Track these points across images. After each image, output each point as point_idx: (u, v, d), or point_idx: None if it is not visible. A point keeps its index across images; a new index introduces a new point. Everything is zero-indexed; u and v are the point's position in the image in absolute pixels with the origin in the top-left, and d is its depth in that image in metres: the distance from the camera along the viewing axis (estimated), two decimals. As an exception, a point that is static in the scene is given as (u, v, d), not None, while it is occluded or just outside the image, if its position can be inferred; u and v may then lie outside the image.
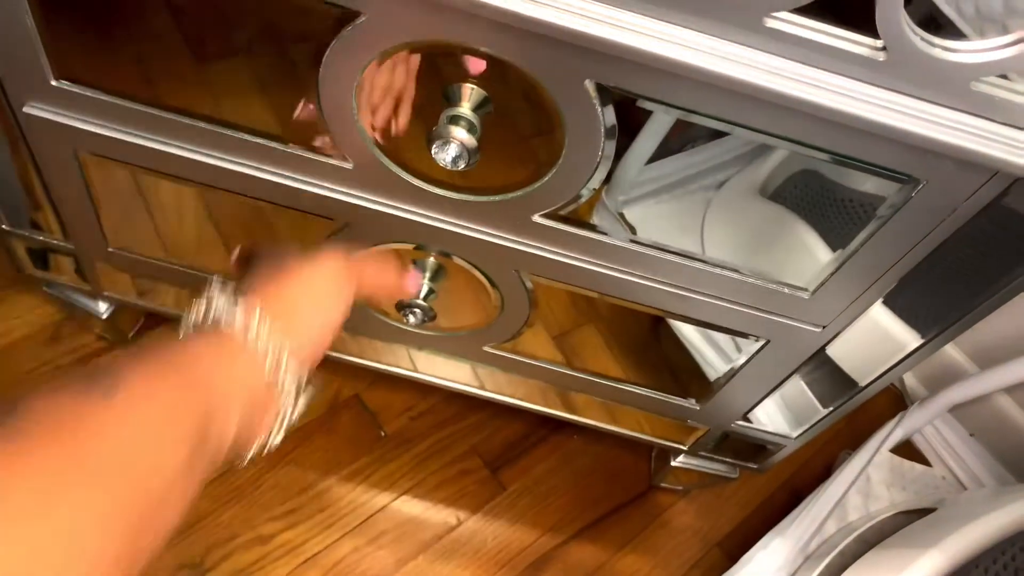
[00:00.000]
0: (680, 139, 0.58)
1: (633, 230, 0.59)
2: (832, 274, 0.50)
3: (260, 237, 0.65)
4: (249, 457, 0.34)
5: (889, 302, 0.56)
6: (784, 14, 0.35)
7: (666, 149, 0.58)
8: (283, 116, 0.49)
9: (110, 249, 0.63)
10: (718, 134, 0.49)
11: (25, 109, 0.50)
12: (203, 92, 0.51)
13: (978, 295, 0.54)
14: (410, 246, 0.57)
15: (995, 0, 0.50)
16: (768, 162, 0.67)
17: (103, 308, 0.75)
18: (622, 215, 0.58)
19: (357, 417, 0.86)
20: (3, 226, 0.64)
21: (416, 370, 0.74)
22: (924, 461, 0.96)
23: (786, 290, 0.52)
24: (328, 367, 0.86)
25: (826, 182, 0.68)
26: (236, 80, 0.50)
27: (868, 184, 0.64)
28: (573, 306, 0.67)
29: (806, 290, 0.52)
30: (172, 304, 0.71)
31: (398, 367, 0.74)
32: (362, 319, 0.65)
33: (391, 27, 0.40)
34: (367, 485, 0.83)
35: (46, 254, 0.70)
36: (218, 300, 0.34)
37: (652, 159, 0.58)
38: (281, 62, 0.48)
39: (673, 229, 0.66)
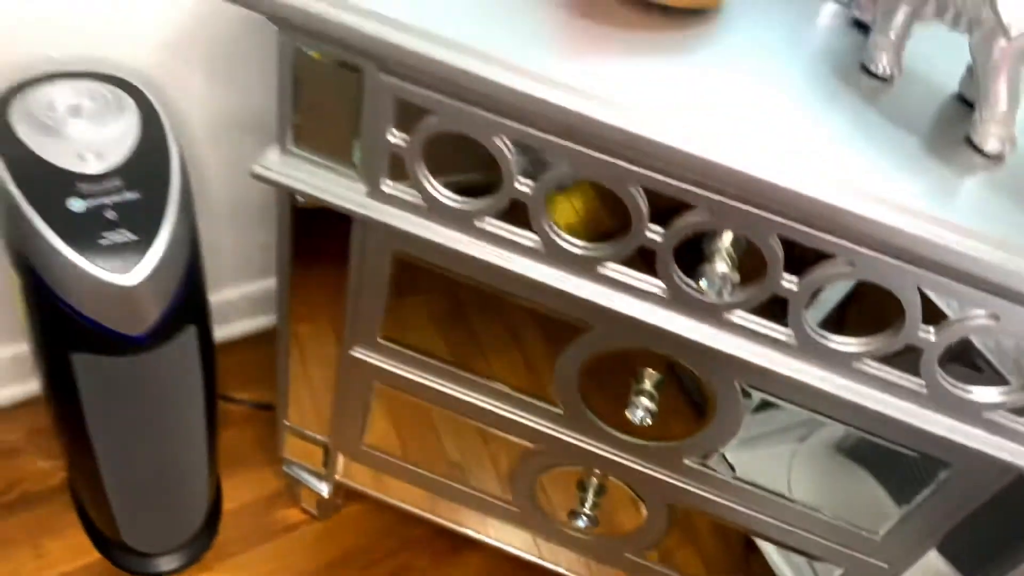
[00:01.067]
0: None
1: (733, 468, 0.80)
2: (898, 523, 0.70)
3: (470, 446, 0.89)
4: None
5: (940, 547, 0.75)
6: (870, 363, 0.58)
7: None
8: (530, 377, 0.74)
9: (362, 447, 0.87)
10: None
11: (351, 352, 0.77)
12: (472, 352, 0.77)
13: (1014, 546, 0.72)
14: (580, 468, 0.80)
15: (1009, 342, 0.74)
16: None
17: (324, 488, 0.98)
18: (724, 456, 0.79)
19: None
20: (286, 422, 0.90)
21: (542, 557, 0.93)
22: None
23: (864, 533, 0.72)
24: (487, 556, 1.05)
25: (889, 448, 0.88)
26: (502, 348, 0.77)
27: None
28: (678, 525, 0.87)
29: (877, 533, 0.72)
30: (383, 491, 0.94)
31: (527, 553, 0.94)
32: (534, 516, 0.87)
33: (615, 337, 0.65)
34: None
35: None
36: None
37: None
38: (531, 342, 0.74)
39: (765, 471, 0.86)
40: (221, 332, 1.16)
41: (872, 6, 0.63)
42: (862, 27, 0.65)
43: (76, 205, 0.62)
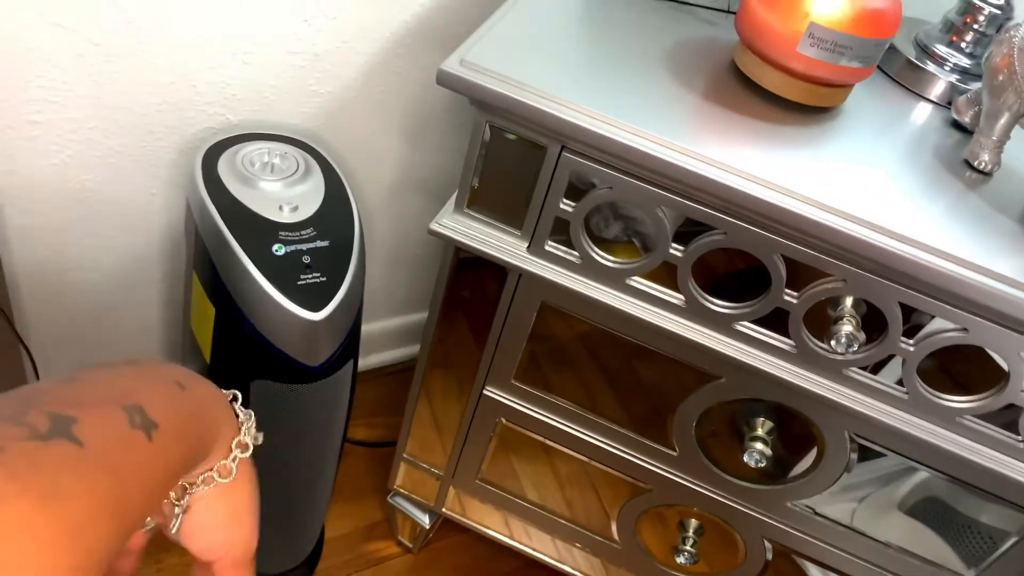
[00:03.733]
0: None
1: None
2: (987, 567, 0.77)
3: (584, 488, 0.96)
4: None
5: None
6: (971, 418, 0.67)
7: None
8: (652, 423, 0.82)
9: (477, 481, 0.94)
10: (870, 456, 0.77)
11: (485, 391, 0.85)
12: (582, 394, 0.85)
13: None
14: (685, 507, 0.87)
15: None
16: (905, 485, 0.96)
17: (427, 519, 1.06)
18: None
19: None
20: (404, 454, 0.97)
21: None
22: None
23: (950, 576, 0.79)
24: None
25: (950, 509, 0.95)
26: (616, 394, 0.85)
27: (984, 516, 0.91)
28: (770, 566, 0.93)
29: (964, 578, 0.79)
30: (485, 522, 1.01)
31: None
32: (636, 556, 0.94)
33: (741, 387, 0.74)
34: None
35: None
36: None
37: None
38: (644, 387, 0.82)
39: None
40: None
41: (968, 110, 0.73)
42: (959, 126, 0.75)
43: (279, 250, 0.72)
